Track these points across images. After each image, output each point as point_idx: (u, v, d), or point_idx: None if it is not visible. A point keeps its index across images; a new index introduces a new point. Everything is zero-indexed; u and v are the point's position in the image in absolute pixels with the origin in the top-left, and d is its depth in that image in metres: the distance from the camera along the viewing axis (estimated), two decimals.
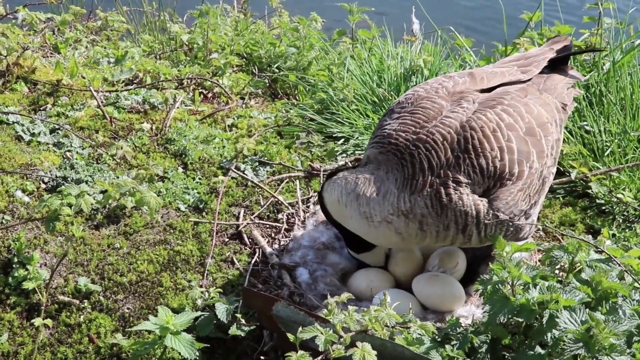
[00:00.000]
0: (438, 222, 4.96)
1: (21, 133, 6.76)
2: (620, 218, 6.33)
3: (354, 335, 4.15)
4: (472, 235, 5.03)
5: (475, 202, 4.94)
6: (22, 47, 7.81)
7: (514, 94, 5.21)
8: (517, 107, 5.12)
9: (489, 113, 5.04)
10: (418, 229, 4.99)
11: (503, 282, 4.22)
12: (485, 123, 4.98)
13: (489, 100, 5.15)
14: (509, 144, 4.97)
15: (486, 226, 5.00)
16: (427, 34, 9.35)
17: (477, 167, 4.91)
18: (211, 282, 5.60)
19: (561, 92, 5.53)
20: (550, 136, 5.17)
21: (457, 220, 4.96)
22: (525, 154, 5.00)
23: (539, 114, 5.16)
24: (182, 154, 6.73)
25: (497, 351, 4.27)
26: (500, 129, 4.98)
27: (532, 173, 5.04)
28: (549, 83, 5.51)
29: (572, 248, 4.54)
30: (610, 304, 4.22)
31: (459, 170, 4.92)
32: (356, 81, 7.84)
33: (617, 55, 7.70)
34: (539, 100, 5.29)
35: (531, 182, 5.06)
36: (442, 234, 5.03)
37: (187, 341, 4.67)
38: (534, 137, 5.06)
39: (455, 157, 4.93)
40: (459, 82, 5.39)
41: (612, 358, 3.77)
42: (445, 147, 4.95)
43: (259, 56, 8.85)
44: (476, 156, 4.92)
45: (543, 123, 5.14)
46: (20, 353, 5.16)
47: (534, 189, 5.11)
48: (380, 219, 4.99)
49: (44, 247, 5.70)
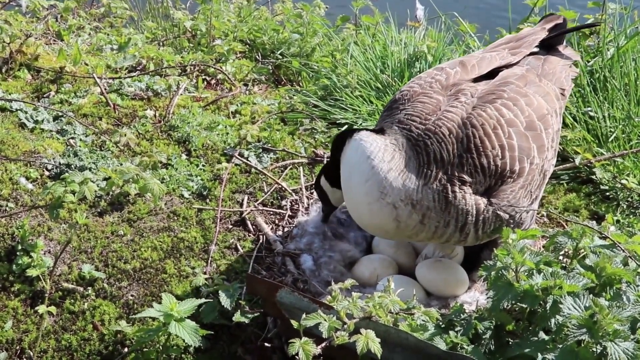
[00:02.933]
0: (440, 217, 4.95)
1: (24, 120, 6.76)
2: (624, 204, 6.33)
3: (357, 322, 4.16)
4: (469, 234, 5.04)
5: (477, 201, 4.96)
6: (25, 34, 7.80)
7: (514, 85, 5.20)
8: (517, 100, 5.10)
9: (489, 109, 5.02)
10: (419, 222, 4.95)
11: (507, 268, 4.22)
12: (486, 120, 4.98)
13: (489, 94, 5.13)
14: (510, 141, 4.97)
15: (484, 225, 5.02)
16: (430, 19, 9.33)
17: (479, 166, 4.92)
18: (215, 269, 5.60)
19: (559, 76, 5.53)
20: (551, 128, 5.17)
21: (457, 218, 4.96)
22: (526, 150, 5.00)
23: (539, 105, 5.16)
24: (186, 140, 6.72)
25: (501, 337, 4.27)
26: (501, 126, 4.98)
27: (532, 169, 5.04)
28: (547, 67, 5.51)
29: (576, 234, 4.54)
30: (614, 289, 4.22)
31: (462, 169, 4.92)
32: (360, 67, 7.83)
33: (622, 41, 7.67)
34: (539, 89, 5.28)
35: (532, 177, 5.07)
36: (441, 231, 5.01)
37: (191, 328, 4.67)
38: (535, 132, 5.06)
39: (459, 156, 4.92)
40: (451, 74, 5.39)
41: (615, 344, 3.77)
42: (452, 142, 4.94)
43: (262, 42, 8.84)
44: (478, 155, 4.92)
45: (543, 115, 5.14)
46: (24, 340, 5.17)
47: (535, 184, 5.12)
48: (391, 201, 4.91)
49: (47, 235, 5.70)
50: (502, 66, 5.45)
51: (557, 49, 5.78)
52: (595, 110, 7.00)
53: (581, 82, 7.23)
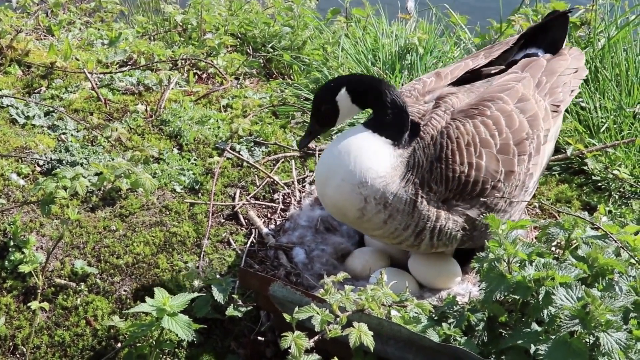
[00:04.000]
0: (402, 220, 4.99)
1: (15, 116, 6.74)
2: (616, 194, 6.34)
3: (350, 315, 4.15)
4: (424, 240, 5.07)
5: (438, 210, 4.99)
6: (16, 30, 7.78)
7: (502, 101, 5.15)
8: (498, 119, 5.06)
9: (468, 124, 5.03)
10: (382, 221, 5.00)
11: (499, 260, 4.22)
12: (461, 134, 4.99)
13: (472, 108, 5.12)
14: (479, 160, 4.97)
15: (440, 233, 5.04)
16: (421, 11, 9.34)
17: (444, 177, 4.94)
18: (208, 263, 5.60)
19: (557, 89, 5.44)
20: (525, 155, 5.10)
21: (418, 224, 5.00)
22: (491, 172, 4.99)
23: (520, 128, 5.10)
24: (177, 135, 6.72)
25: (494, 329, 4.28)
26: (474, 144, 4.98)
27: (493, 193, 5.04)
28: (545, 78, 5.44)
29: (569, 225, 4.55)
30: (607, 280, 4.23)
31: (430, 176, 4.96)
32: (351, 60, 7.82)
33: (612, 31, 7.67)
34: (528, 106, 5.20)
35: (492, 201, 5.06)
36: (398, 232, 5.05)
37: (184, 322, 4.67)
38: (506, 156, 5.03)
39: (430, 162, 4.97)
40: (426, 82, 5.45)
41: (608, 334, 3.78)
42: (430, 149, 5.00)
43: (253, 36, 8.83)
44: (445, 166, 4.94)
45: (521, 140, 5.08)
46: (17, 337, 5.17)
47: (497, 207, 5.10)
48: (365, 194, 4.92)
49: (39, 230, 5.70)
50: (479, 67, 5.49)
51: (563, 52, 5.69)
52: (586, 101, 7.01)
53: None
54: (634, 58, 7.40)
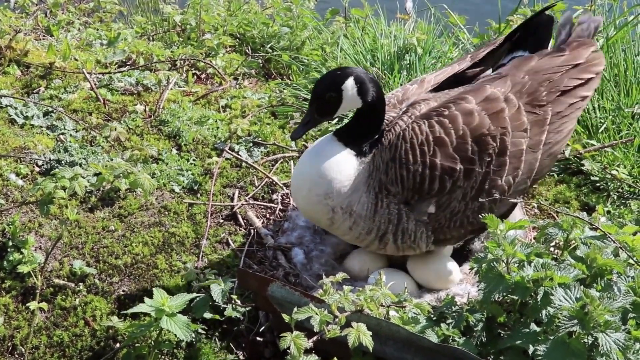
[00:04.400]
0: (365, 225, 5.06)
1: (14, 116, 6.74)
2: (614, 195, 6.34)
3: (349, 315, 4.16)
4: (388, 243, 5.13)
5: (400, 212, 5.03)
6: (15, 30, 7.78)
7: (464, 101, 5.11)
8: (455, 117, 5.02)
9: (422, 125, 5.03)
10: (348, 228, 5.09)
11: (498, 260, 4.23)
12: (415, 135, 5.00)
13: (432, 111, 5.12)
14: (433, 159, 4.96)
15: (403, 235, 5.09)
16: (420, 11, 9.33)
17: (399, 177, 4.97)
18: (206, 263, 5.60)
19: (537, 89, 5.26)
20: (490, 150, 5.03)
21: (379, 227, 5.07)
22: (449, 170, 4.98)
23: (480, 124, 5.02)
24: (176, 135, 6.71)
25: (493, 329, 4.28)
26: (427, 143, 4.97)
27: (453, 189, 5.03)
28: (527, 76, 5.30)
29: (567, 225, 4.55)
30: (605, 280, 4.23)
31: (386, 177, 5.00)
32: (350, 60, 7.82)
33: (611, 31, 7.68)
34: (493, 105, 5.11)
35: (453, 197, 5.06)
36: (362, 237, 5.14)
37: (182, 323, 4.67)
38: (464, 153, 4.99)
39: (386, 164, 5.01)
40: (408, 89, 5.45)
41: (607, 335, 3.78)
42: (387, 152, 5.04)
43: (252, 36, 8.82)
44: (399, 167, 4.97)
45: (481, 136, 5.02)
46: (16, 337, 5.16)
47: (457, 197, 5.07)
48: (332, 205, 5.03)
49: (38, 231, 5.70)
50: (462, 71, 5.48)
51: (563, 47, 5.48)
52: None
53: None
54: (633, 58, 7.40)
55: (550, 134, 5.26)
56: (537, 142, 5.21)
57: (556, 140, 5.30)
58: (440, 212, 5.07)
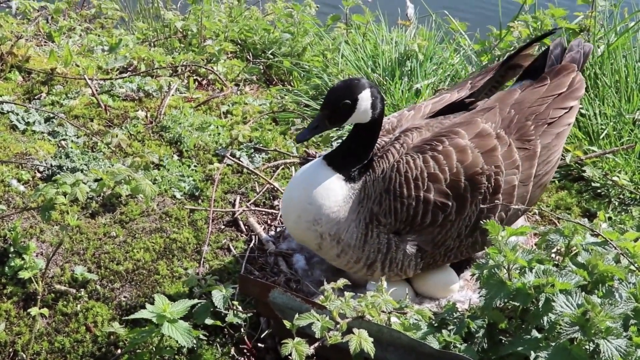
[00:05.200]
0: (354, 254, 5.09)
1: (16, 122, 6.75)
2: (616, 201, 6.34)
3: (350, 322, 4.16)
4: (376, 271, 5.15)
5: (389, 243, 5.06)
6: (16, 36, 7.79)
7: (457, 136, 5.11)
8: (450, 154, 5.04)
9: (417, 159, 5.04)
10: (336, 255, 5.12)
11: (499, 266, 4.23)
12: (410, 169, 5.02)
13: (425, 144, 5.12)
14: (427, 194, 5.00)
15: (391, 264, 5.11)
16: (421, 18, 9.33)
17: (392, 209, 5.00)
18: (208, 269, 5.60)
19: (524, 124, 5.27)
20: (483, 189, 5.07)
21: (369, 256, 5.10)
22: (441, 206, 5.01)
23: (473, 163, 5.05)
24: (177, 141, 6.72)
25: (494, 335, 4.28)
26: (422, 179, 5.00)
27: (445, 224, 5.06)
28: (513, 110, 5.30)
29: (568, 231, 4.55)
30: (607, 287, 4.23)
31: (379, 208, 5.02)
32: (351, 67, 7.83)
33: (612, 38, 7.68)
34: (485, 142, 5.13)
35: (447, 231, 5.09)
36: (350, 265, 5.17)
37: (184, 329, 4.67)
38: (457, 191, 5.03)
39: (380, 194, 5.02)
40: (404, 116, 5.46)
41: (608, 341, 3.78)
42: (380, 182, 5.05)
43: (253, 42, 8.83)
44: (394, 199, 4.99)
45: (474, 175, 5.05)
46: (17, 343, 5.17)
47: (452, 235, 5.12)
48: (320, 231, 5.05)
49: (39, 236, 5.70)
50: (455, 102, 5.47)
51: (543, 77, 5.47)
52: (586, 108, 7.01)
53: None
54: (634, 65, 7.41)
55: (540, 166, 5.30)
56: (528, 176, 5.26)
57: (545, 171, 5.36)
58: (435, 250, 5.14)
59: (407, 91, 7.49)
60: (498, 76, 5.62)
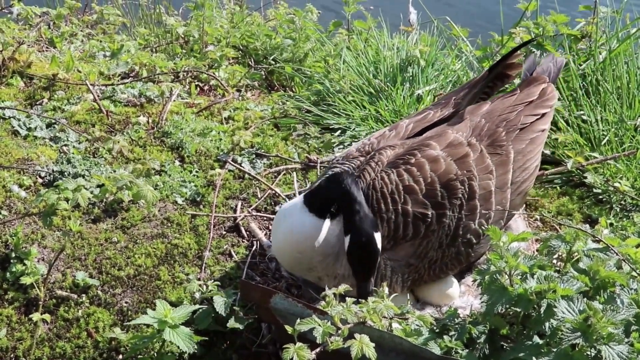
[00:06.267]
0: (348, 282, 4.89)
1: (17, 128, 6.75)
2: (617, 207, 6.33)
3: (352, 327, 4.15)
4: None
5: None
6: (18, 42, 7.79)
7: (429, 147, 5.13)
8: (422, 165, 5.05)
9: (392, 174, 5.05)
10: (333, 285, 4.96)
11: (501, 272, 4.22)
12: (385, 184, 5.03)
13: (398, 159, 5.13)
14: (405, 207, 4.99)
15: (382, 280, 5.04)
16: (423, 24, 9.33)
17: None
18: (209, 275, 5.60)
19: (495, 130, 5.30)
20: (459, 194, 5.07)
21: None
22: (421, 216, 5.00)
23: (447, 170, 5.07)
24: (179, 147, 6.72)
25: (496, 341, 4.27)
26: (398, 192, 5.00)
27: (427, 235, 5.05)
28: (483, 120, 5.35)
29: (570, 237, 4.55)
30: (608, 293, 4.23)
31: None
32: (352, 72, 7.83)
33: (614, 44, 7.68)
34: (457, 150, 5.16)
35: (429, 241, 5.07)
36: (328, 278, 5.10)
37: (185, 334, 4.67)
38: (434, 199, 5.03)
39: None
40: (385, 136, 5.44)
41: (610, 347, 3.78)
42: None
43: (255, 48, 8.84)
44: (373, 215, 4.93)
45: (449, 181, 5.06)
46: (18, 348, 5.17)
47: (434, 245, 5.10)
48: (321, 275, 5.07)
49: (41, 242, 5.70)
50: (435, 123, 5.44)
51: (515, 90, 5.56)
52: (587, 114, 7.01)
53: (573, 85, 7.25)
54: (635, 71, 7.40)
55: (517, 172, 5.30)
56: (504, 182, 5.25)
57: (523, 178, 5.35)
58: (419, 263, 5.12)
59: (408, 97, 7.50)
60: (485, 87, 5.63)
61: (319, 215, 4.97)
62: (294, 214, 5.05)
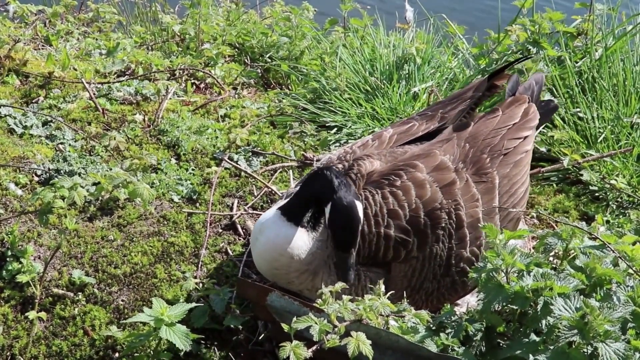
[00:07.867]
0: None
1: (13, 126, 6.74)
2: (613, 204, 6.35)
3: (348, 325, 4.15)
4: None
5: (358, 273, 4.96)
6: (14, 40, 7.79)
7: (415, 169, 5.06)
8: (409, 189, 4.99)
9: (376, 195, 4.99)
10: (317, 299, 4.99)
11: (497, 270, 4.22)
12: (369, 205, 4.96)
13: (383, 179, 5.06)
14: (387, 230, 4.93)
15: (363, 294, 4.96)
16: (419, 21, 9.33)
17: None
18: (205, 273, 5.60)
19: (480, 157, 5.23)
20: (443, 224, 4.99)
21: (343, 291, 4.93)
22: (402, 242, 4.95)
23: (432, 198, 5.00)
24: (175, 145, 6.72)
25: (492, 339, 4.27)
26: (382, 215, 4.94)
27: (409, 260, 4.99)
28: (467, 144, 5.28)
29: (566, 235, 4.55)
30: (605, 290, 4.22)
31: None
32: (348, 70, 7.83)
33: (610, 41, 7.69)
34: (443, 176, 5.09)
35: (411, 266, 5.02)
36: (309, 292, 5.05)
37: (181, 332, 4.67)
38: (417, 227, 4.96)
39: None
40: (368, 145, 5.39)
41: (606, 344, 3.78)
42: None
43: (251, 46, 8.84)
44: None
45: (433, 210, 4.99)
46: (15, 346, 5.16)
47: (428, 277, 5.06)
48: (302, 288, 5.00)
49: (37, 240, 5.69)
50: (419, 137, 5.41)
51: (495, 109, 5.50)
52: (584, 111, 7.02)
53: (569, 83, 7.25)
54: (631, 68, 7.41)
55: (504, 197, 5.22)
56: (492, 209, 5.18)
57: (512, 203, 5.26)
58: (415, 295, 5.06)
59: (404, 94, 7.50)
60: (476, 99, 5.56)
61: (295, 222, 4.89)
62: (272, 225, 4.97)
